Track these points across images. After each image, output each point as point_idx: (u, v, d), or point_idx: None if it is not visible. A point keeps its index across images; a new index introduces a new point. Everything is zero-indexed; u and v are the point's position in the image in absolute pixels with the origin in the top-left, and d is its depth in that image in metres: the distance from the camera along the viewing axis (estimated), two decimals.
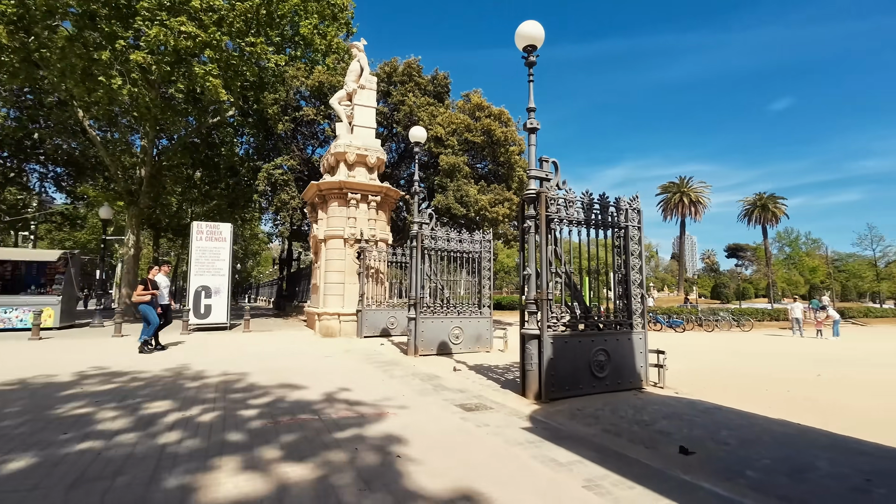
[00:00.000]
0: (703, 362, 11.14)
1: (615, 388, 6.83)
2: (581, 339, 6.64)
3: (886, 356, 13.53)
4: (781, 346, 15.97)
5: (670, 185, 62.82)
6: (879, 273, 50.45)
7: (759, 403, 6.56)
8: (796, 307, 21.12)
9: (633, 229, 7.39)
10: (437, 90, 19.90)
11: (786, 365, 11.07)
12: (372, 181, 16.46)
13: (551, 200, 6.67)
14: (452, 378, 8.03)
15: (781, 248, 60.80)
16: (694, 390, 7.25)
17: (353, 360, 9.92)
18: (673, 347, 13.92)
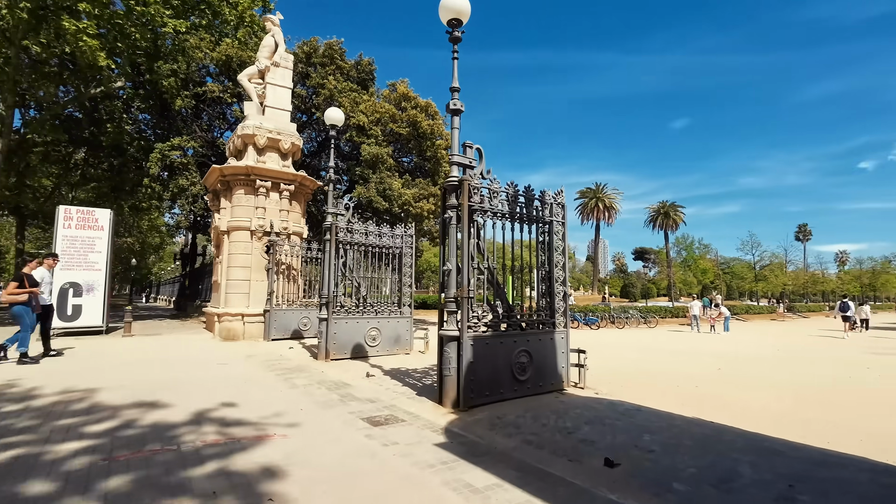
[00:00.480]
0: (619, 359, 11.38)
1: (537, 391, 6.44)
2: (503, 340, 6.15)
3: (767, 349, 14.99)
4: (683, 342, 17.15)
5: (587, 190, 66.87)
6: (757, 275, 58.08)
7: (673, 401, 6.55)
8: (695, 305, 23.08)
9: (558, 224, 7.09)
10: (362, 76, 18.73)
11: (690, 360, 11.68)
12: (285, 168, 14.96)
13: (475, 189, 6.11)
14: (364, 385, 7.18)
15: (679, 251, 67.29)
16: (613, 390, 7.12)
17: (252, 368, 8.65)
18: (591, 345, 14.12)
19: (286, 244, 14.34)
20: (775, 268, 58.29)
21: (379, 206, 15.55)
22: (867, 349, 15.17)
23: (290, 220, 14.92)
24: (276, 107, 15.51)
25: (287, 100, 15.91)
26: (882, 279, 67.84)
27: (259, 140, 14.49)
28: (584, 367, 7.12)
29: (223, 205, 14.64)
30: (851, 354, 13.59)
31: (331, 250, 9.84)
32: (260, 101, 15.53)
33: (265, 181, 14.27)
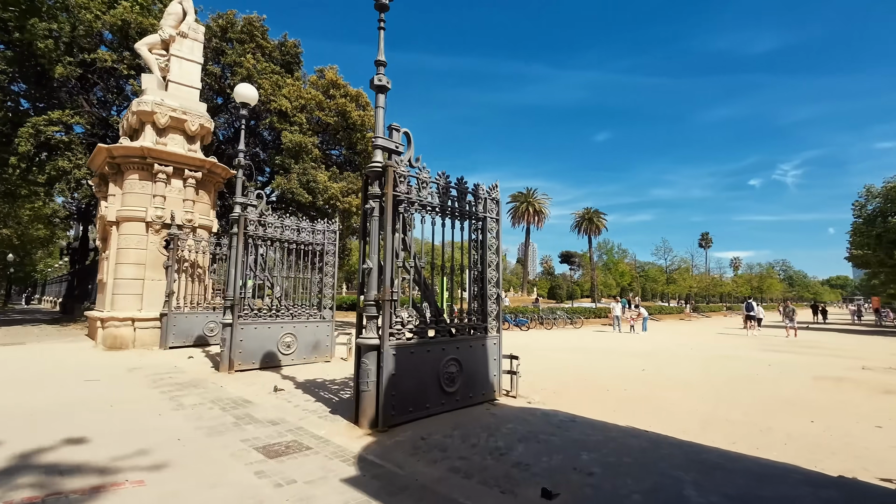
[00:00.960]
0: (550, 362, 11.23)
1: (467, 404, 5.85)
2: (430, 349, 5.49)
3: (682, 347, 15.86)
4: (608, 342, 17.70)
5: (519, 195, 68.83)
6: (668, 278, 63.35)
7: (606, 407, 6.31)
8: (616, 306, 24.17)
9: (492, 221, 6.58)
10: (286, 59, 17.18)
11: (616, 361, 11.85)
12: (192, 153, 13.18)
13: (401, 178, 5.38)
14: (269, 402, 6.15)
15: (601, 255, 71.43)
16: (546, 397, 6.75)
17: (130, 384, 7.20)
18: (522, 347, 14.12)
19: (190, 238, 12.60)
20: (683, 272, 63.91)
21: (301, 198, 14.21)
22: (764, 346, 16.61)
23: (197, 212, 13.16)
24: (183, 83, 13.65)
25: (196, 76, 14.08)
26: (767, 283, 77.23)
27: (160, 118, 12.61)
28: (517, 374, 6.68)
29: (112, 191, 12.53)
30: (753, 352, 14.71)
31: (238, 245, 8.58)
32: (162, 74, 13.58)
33: (166, 166, 12.42)
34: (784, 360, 12.45)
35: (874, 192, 28.85)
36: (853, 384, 8.97)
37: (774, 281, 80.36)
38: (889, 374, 10.37)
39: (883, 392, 8.28)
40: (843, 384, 8.98)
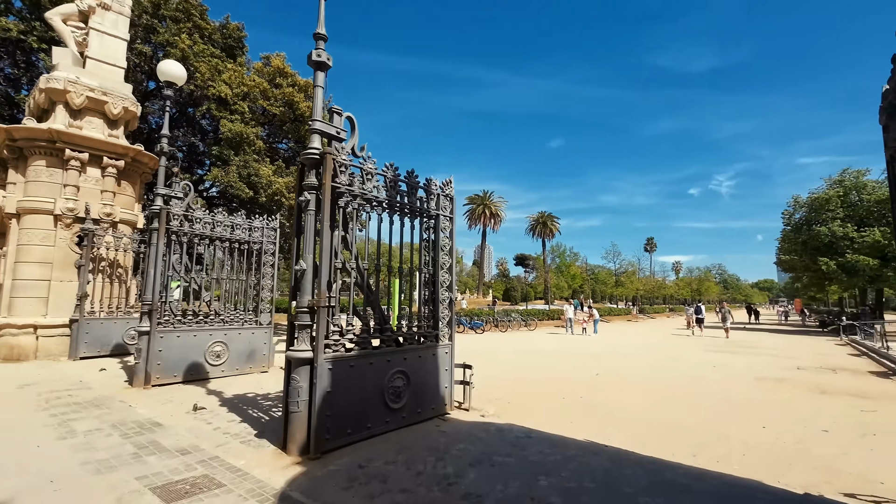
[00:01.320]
0: (504, 367, 10.89)
1: (415, 420, 5.29)
2: (374, 360, 4.88)
3: (633, 348, 16.13)
4: (561, 344, 17.73)
5: (475, 197, 69.12)
6: (616, 280, 65.91)
7: (562, 417, 5.97)
8: (569, 308, 24.50)
9: (445, 220, 6.07)
10: (228, 43, 15.85)
11: (570, 365, 11.72)
12: (113, 139, 11.75)
13: (342, 167, 4.75)
14: (184, 425, 5.29)
15: (554, 258, 73.18)
16: (501, 409, 6.32)
17: (16, 406, 6.05)
18: (477, 351, 13.73)
19: (109, 235, 11.20)
20: (630, 275, 66.67)
21: (241, 193, 13.04)
22: (707, 347, 17.24)
23: (118, 205, 11.74)
24: (104, 60, 12.17)
25: (121, 54, 12.62)
26: (705, 285, 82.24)
27: (74, 98, 11.13)
28: (470, 384, 6.19)
29: (12, 179, 10.89)
30: (698, 353, 15.17)
31: (158, 242, 7.54)
32: (80, 50, 12.05)
33: (80, 152, 10.96)
34: (727, 362, 12.85)
35: (801, 202, 31.16)
36: (791, 385, 9.25)
37: (711, 284, 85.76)
38: (820, 374, 10.87)
39: (819, 392, 8.56)
40: (783, 385, 9.24)
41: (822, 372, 11.32)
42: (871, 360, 14.02)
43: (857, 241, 26.45)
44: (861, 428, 5.96)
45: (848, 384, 9.58)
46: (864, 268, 25.94)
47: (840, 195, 28.45)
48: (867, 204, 27.83)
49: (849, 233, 26.87)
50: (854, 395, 8.31)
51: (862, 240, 26.30)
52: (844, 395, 8.39)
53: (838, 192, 28.51)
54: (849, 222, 27.50)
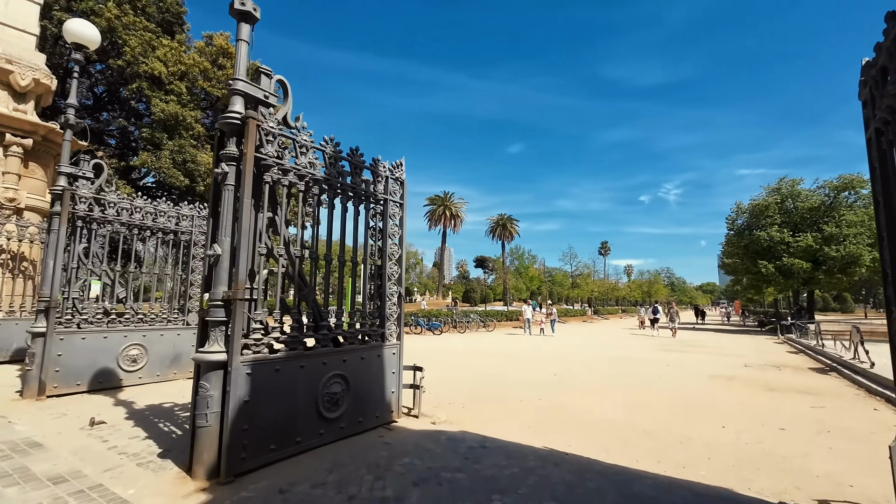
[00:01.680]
0: (460, 369, 10.39)
1: (355, 431, 4.64)
2: (306, 363, 4.20)
3: (587, 348, 16.13)
4: (519, 345, 17.51)
5: (436, 198, 68.70)
6: (573, 282, 67.64)
7: (520, 423, 5.51)
8: (527, 309, 24.46)
9: (395, 206, 5.47)
10: (165, 18, 14.39)
11: (528, 365, 11.40)
12: (19, 114, 10.27)
13: (269, 136, 4.06)
14: (70, 445, 4.37)
15: (513, 260, 74.10)
16: (454, 414, 5.79)
17: None
18: (433, 353, 13.26)
19: (12, 223, 9.75)
20: (586, 277, 68.62)
21: (175, 181, 11.77)
22: (660, 347, 17.57)
23: (25, 189, 10.27)
24: (11, 24, 10.66)
25: (32, 19, 11.13)
26: (655, 287, 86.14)
27: None
28: (421, 388, 5.62)
29: None
30: (651, 353, 15.36)
31: (60, 228, 6.45)
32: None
33: None
34: (679, 360, 13.00)
35: (743, 208, 32.92)
36: (743, 383, 9.33)
37: (660, 286, 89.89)
38: (767, 371, 11.14)
39: (769, 390, 8.65)
40: (735, 383, 9.30)
41: (768, 369, 11.62)
42: (808, 356, 14.69)
43: (793, 245, 28.16)
44: (815, 425, 5.90)
45: (793, 381, 9.81)
46: (799, 271, 27.64)
47: (778, 202, 30.24)
48: (801, 211, 29.76)
49: (785, 238, 28.57)
50: (801, 392, 8.44)
51: (797, 244, 28.02)
52: (792, 391, 8.51)
53: (776, 200, 30.30)
54: (785, 228, 29.26)
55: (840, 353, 13.15)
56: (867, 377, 9.66)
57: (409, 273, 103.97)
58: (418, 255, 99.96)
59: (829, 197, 29.80)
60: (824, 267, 27.56)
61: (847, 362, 11.38)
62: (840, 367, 11.45)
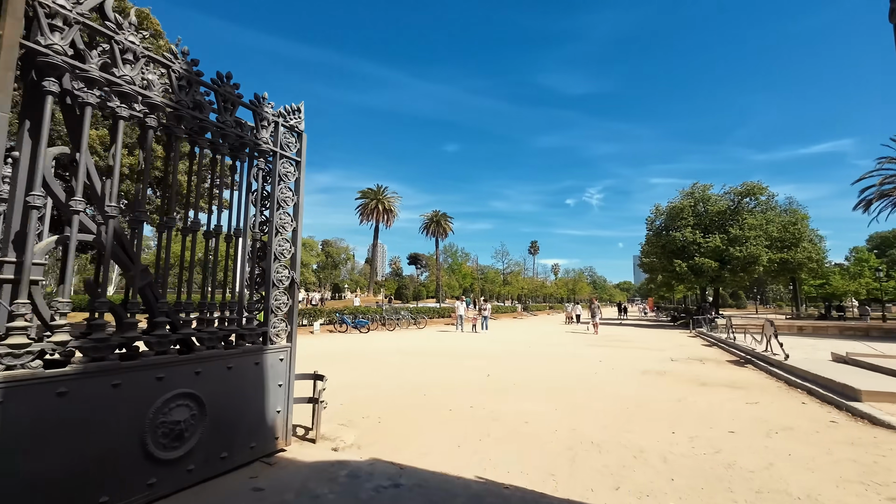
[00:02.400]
0: (383, 373, 9.17)
1: (213, 473, 3.26)
2: (123, 381, 2.75)
3: (520, 345, 15.65)
4: (451, 342, 16.62)
5: (369, 191, 66.23)
6: (505, 279, 68.78)
7: (448, 441, 4.44)
8: (460, 305, 23.75)
9: (288, 163, 4.13)
10: None
11: (459, 366, 10.47)
12: None
13: (56, 19, 2.56)
14: None
15: (446, 258, 73.84)
16: (364, 434, 4.58)
17: None
18: (354, 354, 11.78)
19: None
20: (517, 275, 70.18)
21: None
22: (588, 342, 17.60)
23: None
24: None
25: None
26: (579, 285, 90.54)
27: None
28: (321, 403, 4.33)
29: None
30: (582, 348, 15.19)
31: None
32: None
33: None
34: (609, 356, 12.81)
35: (661, 210, 34.99)
36: (675, 378, 9.09)
37: (584, 284, 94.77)
38: (692, 365, 11.18)
39: (700, 384, 8.44)
40: (667, 379, 9.03)
41: (692, 363, 11.71)
42: (721, 349, 15.30)
43: (703, 245, 30.27)
44: (759, 425, 5.49)
45: (719, 374, 9.80)
46: (708, 269, 29.75)
47: (691, 205, 32.42)
48: (710, 214, 32.16)
49: (697, 239, 30.64)
50: (730, 386, 8.31)
51: (706, 245, 30.15)
52: (722, 386, 8.35)
53: (690, 203, 32.46)
54: (697, 230, 31.41)
55: (752, 345, 13.79)
56: (783, 369, 9.89)
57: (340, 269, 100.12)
58: (349, 251, 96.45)
59: (734, 202, 32.54)
60: (729, 266, 29.92)
61: (761, 355, 11.76)
62: (755, 360, 11.83)
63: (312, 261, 75.11)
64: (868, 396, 6.65)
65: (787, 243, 30.59)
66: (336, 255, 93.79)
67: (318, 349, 13.25)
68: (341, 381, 7.72)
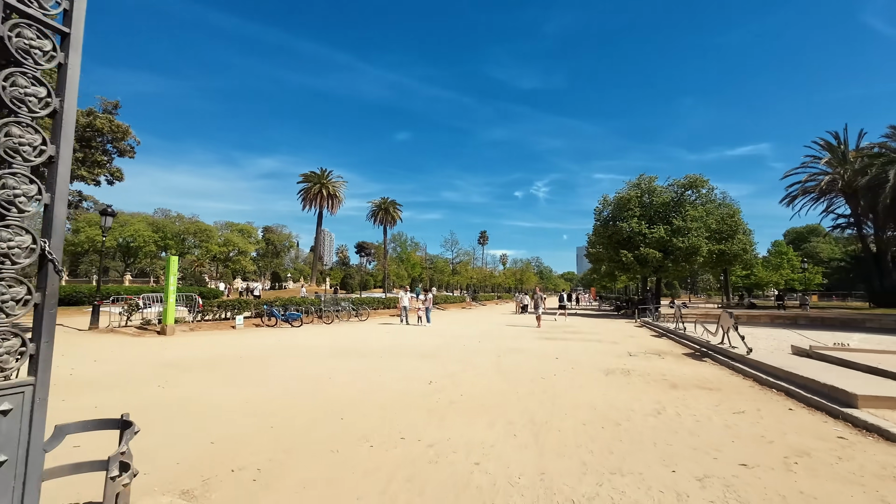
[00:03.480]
0: (296, 384, 7.31)
1: None
2: None
3: (469, 340, 14.28)
4: (392, 338, 14.91)
5: (311, 174, 62.06)
6: (454, 269, 67.68)
7: None
8: (404, 296, 21.93)
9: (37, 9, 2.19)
10: None
11: (396, 369, 8.84)
12: None
13: None
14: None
15: (395, 248, 71.66)
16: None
17: None
18: (268, 357, 9.23)
19: None
20: (466, 265, 69.33)
21: None
22: (540, 335, 16.57)
23: None
24: None
25: None
26: (527, 275, 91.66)
27: None
28: (126, 474, 2.47)
29: None
30: (535, 342, 14.05)
31: None
32: None
33: None
34: (565, 351, 11.71)
35: (609, 200, 35.09)
36: (642, 379, 8.01)
37: (531, 274, 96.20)
38: (651, 361, 10.28)
39: (671, 387, 7.39)
40: (634, 380, 7.94)
41: (652, 358, 10.84)
42: (671, 340, 14.79)
43: (648, 236, 30.55)
44: (767, 450, 4.32)
45: (685, 371, 8.89)
46: (652, 259, 30.07)
47: (638, 196, 32.65)
48: (655, 206, 32.56)
49: (642, 229, 30.88)
50: (703, 388, 7.32)
51: (651, 235, 30.44)
52: (695, 388, 7.34)
53: (637, 194, 32.67)
54: (643, 220, 31.68)
55: (705, 336, 13.30)
56: (747, 364, 9.14)
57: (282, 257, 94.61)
58: (292, 239, 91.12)
59: (677, 194, 33.18)
60: (672, 256, 30.43)
61: (718, 347, 11.10)
62: (711, 353, 11.19)
63: (251, 248, 70.11)
64: (864, 402, 5.77)
65: (724, 235, 31.62)
66: (278, 243, 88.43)
67: (229, 350, 11.05)
68: (230, 401, 5.82)
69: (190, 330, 15.12)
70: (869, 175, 34.82)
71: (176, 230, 60.07)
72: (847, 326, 21.08)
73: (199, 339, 13.27)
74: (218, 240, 62.93)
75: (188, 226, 61.58)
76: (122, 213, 63.62)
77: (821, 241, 73.59)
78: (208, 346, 11.75)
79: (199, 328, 15.61)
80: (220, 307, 17.47)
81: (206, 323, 16.46)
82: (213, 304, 17.20)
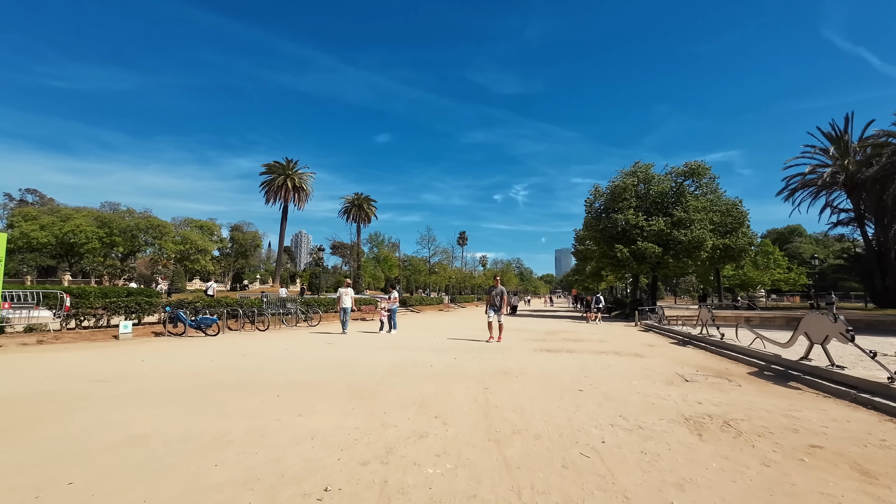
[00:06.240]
0: (133, 463, 3.05)
1: None
2: None
3: (438, 357, 10.21)
4: (334, 355, 10.69)
5: (276, 164, 56.37)
6: (431, 268, 63.42)
7: None
8: (346, 296, 15.17)
9: None
10: None
11: (289, 427, 4.67)
12: None
13: None
14: None
15: (372, 248, 67.00)
16: None
17: None
18: (94, 400, 5.22)
19: None
20: (444, 266, 65.29)
21: None
22: (537, 345, 12.62)
23: None
24: None
25: None
26: (507, 276, 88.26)
27: None
28: None
29: None
30: (534, 356, 10.06)
31: None
32: None
33: None
34: (583, 372, 7.73)
35: (601, 191, 31.58)
36: (767, 445, 4.07)
37: (512, 276, 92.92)
38: (730, 391, 6.42)
39: (863, 474, 3.48)
40: (751, 445, 3.98)
41: (720, 384, 6.99)
42: (707, 351, 11.08)
43: (646, 229, 27.13)
44: None
45: (812, 418, 4.98)
46: (651, 255, 26.66)
47: (634, 185, 29.25)
48: (653, 196, 29.19)
49: (639, 222, 27.46)
50: (861, 474, 3.42)
51: (650, 228, 27.04)
52: (845, 465, 3.43)
53: (633, 182, 29.27)
54: (640, 212, 28.28)
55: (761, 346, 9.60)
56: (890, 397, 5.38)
57: (250, 257, 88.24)
58: (259, 237, 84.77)
59: (677, 183, 29.93)
60: (673, 251, 27.09)
61: (809, 367, 7.36)
62: (791, 370, 7.47)
63: (212, 247, 64.44)
64: None
65: (729, 228, 28.51)
66: (245, 242, 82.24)
67: (52, 384, 6.63)
68: None
69: (38, 343, 10.51)
70: (875, 166, 32.43)
71: (125, 226, 53.95)
72: (873, 329, 18.05)
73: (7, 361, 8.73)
74: (175, 237, 57.15)
75: (139, 221, 55.54)
76: (65, 207, 57.19)
77: (803, 241, 72.56)
78: (32, 372, 7.27)
79: (60, 339, 11.00)
80: (106, 309, 12.87)
81: (79, 333, 11.85)
82: (92, 306, 12.57)
